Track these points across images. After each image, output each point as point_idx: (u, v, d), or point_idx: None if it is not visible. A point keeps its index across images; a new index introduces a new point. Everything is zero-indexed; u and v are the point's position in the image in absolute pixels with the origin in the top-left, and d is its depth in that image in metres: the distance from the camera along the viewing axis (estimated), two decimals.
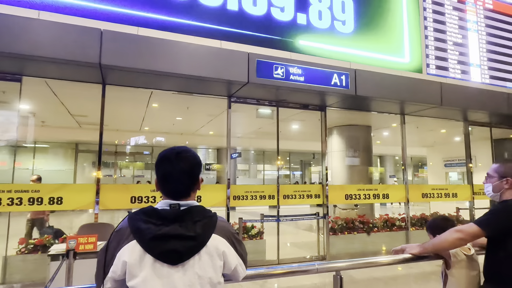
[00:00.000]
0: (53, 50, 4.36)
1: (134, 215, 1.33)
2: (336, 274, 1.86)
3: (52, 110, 7.96)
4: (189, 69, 5.07)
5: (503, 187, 1.97)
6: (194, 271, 1.27)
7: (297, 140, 13.34)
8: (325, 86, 5.89)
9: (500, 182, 1.97)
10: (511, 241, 1.80)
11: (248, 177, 22.12)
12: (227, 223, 1.46)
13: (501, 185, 1.97)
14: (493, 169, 2.05)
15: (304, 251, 7.43)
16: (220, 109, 7.30)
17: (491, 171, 2.05)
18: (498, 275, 1.86)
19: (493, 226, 1.83)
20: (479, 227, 1.83)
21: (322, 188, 6.80)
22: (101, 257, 1.34)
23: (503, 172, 1.98)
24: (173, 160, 1.39)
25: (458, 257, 1.98)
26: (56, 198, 4.97)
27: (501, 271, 1.84)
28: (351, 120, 8.88)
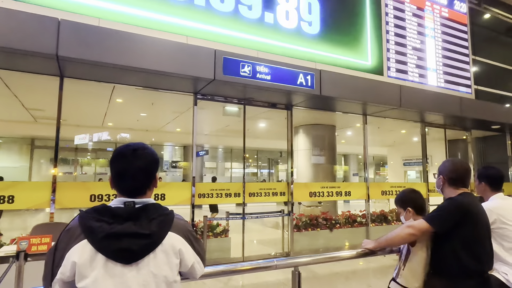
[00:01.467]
0: (5, 39, 4.08)
1: (85, 213, 1.29)
2: (295, 270, 1.90)
3: (4, 103, 7.45)
4: (153, 64, 4.94)
5: (440, 184, 2.15)
6: (148, 270, 1.25)
7: (265, 138, 13.46)
8: (291, 86, 5.97)
9: (438, 179, 2.16)
10: (455, 236, 1.93)
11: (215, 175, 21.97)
12: (184, 220, 1.45)
13: (439, 182, 2.15)
14: (438, 167, 2.22)
15: (269, 248, 7.52)
16: (186, 106, 7.19)
17: (437, 169, 2.22)
18: (444, 268, 1.98)
19: (440, 223, 1.95)
20: (428, 223, 1.94)
21: (287, 186, 6.90)
22: (49, 258, 1.29)
23: (440, 170, 2.17)
24: (129, 157, 1.36)
25: None
26: (7, 197, 4.67)
27: (446, 264, 1.96)
28: (317, 119, 9.08)
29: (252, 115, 7.99)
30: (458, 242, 1.91)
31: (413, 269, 2.05)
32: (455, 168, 2.11)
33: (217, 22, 5.80)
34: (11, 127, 11.49)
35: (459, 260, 1.89)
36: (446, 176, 2.11)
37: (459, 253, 1.89)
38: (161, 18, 5.35)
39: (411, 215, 2.16)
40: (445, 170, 2.13)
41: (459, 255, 1.89)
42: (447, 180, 2.11)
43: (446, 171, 2.12)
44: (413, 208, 2.16)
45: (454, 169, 2.11)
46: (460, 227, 1.91)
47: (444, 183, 2.11)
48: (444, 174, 2.12)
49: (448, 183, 2.10)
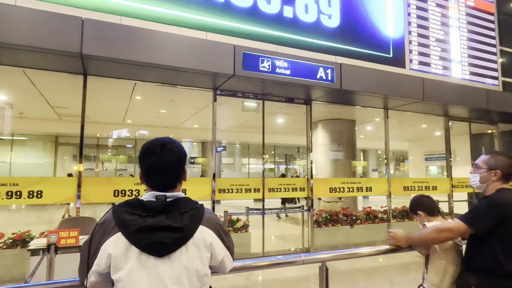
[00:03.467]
0: (31, 38, 4.19)
1: (118, 207, 1.31)
2: (322, 265, 1.88)
3: (31, 101, 7.69)
4: (173, 61, 4.98)
5: (490, 179, 1.98)
6: (181, 263, 1.26)
7: (282, 134, 13.39)
8: (311, 80, 5.91)
9: (489, 174, 1.98)
10: (494, 235, 1.83)
11: (233, 171, 22.10)
12: (214, 214, 1.45)
13: (489, 177, 1.98)
14: (482, 160, 2.04)
15: (289, 244, 7.51)
16: (205, 102, 7.23)
17: (480, 162, 2.05)
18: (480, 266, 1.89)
19: (479, 224, 1.86)
20: (467, 225, 1.86)
21: (307, 181, 6.85)
22: (85, 250, 1.31)
23: (493, 164, 1.99)
24: (158, 152, 1.36)
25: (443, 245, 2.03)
26: (36, 192, 4.83)
27: (483, 262, 1.88)
28: (336, 114, 8.96)
29: (270, 110, 7.96)
30: (496, 240, 1.82)
31: (437, 270, 2.03)
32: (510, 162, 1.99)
33: (236, 17, 5.79)
34: (37, 125, 11.88)
35: (497, 258, 1.81)
36: (504, 171, 1.96)
37: (497, 252, 1.81)
38: (181, 14, 5.38)
39: (424, 217, 2.18)
40: (502, 165, 1.97)
41: (497, 254, 1.81)
42: (504, 175, 1.96)
43: (504, 165, 1.97)
44: (423, 211, 2.19)
45: (510, 164, 1.98)
46: (500, 226, 1.82)
47: (499, 178, 1.96)
48: (501, 169, 1.96)
49: (503, 178, 1.96)
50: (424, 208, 2.20)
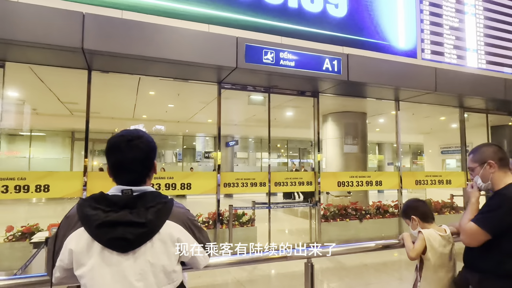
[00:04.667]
0: (34, 34, 4.24)
1: (83, 201, 1.28)
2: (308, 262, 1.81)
3: (41, 97, 7.85)
4: (175, 54, 4.95)
5: (488, 172, 1.84)
6: (145, 259, 1.22)
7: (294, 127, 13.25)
8: (317, 72, 5.77)
9: (484, 169, 1.84)
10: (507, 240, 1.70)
11: (247, 165, 22.12)
12: (184, 209, 1.40)
13: (486, 172, 1.84)
14: (470, 161, 1.92)
15: (297, 238, 7.44)
16: (212, 95, 7.18)
17: (470, 164, 1.93)
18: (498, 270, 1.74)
19: (494, 226, 1.71)
20: (482, 228, 1.72)
21: (314, 176, 6.75)
22: (51, 246, 1.29)
23: (480, 158, 1.86)
24: (123, 148, 1.30)
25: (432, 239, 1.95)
26: (43, 186, 4.93)
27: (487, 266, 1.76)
28: (346, 106, 8.77)
29: (278, 104, 7.86)
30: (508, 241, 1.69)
31: (430, 278, 1.95)
32: (498, 148, 1.85)
33: (239, 9, 5.69)
34: (53, 121, 12.14)
35: (501, 258, 1.70)
36: (496, 159, 1.82)
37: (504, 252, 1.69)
38: (182, 6, 5.33)
39: (417, 223, 2.08)
40: (490, 154, 1.84)
41: (504, 254, 1.70)
42: (498, 163, 1.81)
43: (490, 153, 1.84)
44: (417, 216, 2.08)
45: (498, 149, 1.84)
46: None
47: (496, 166, 1.81)
48: (492, 158, 1.82)
49: (499, 166, 1.81)
50: (419, 213, 2.09)
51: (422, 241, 1.95)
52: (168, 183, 5.60)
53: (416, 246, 1.96)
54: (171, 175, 5.70)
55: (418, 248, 1.94)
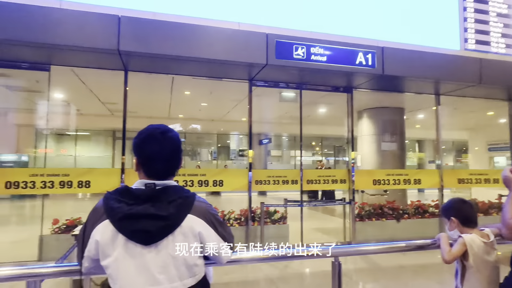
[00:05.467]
0: (75, 38, 4.49)
1: (109, 194, 1.32)
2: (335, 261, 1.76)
3: (84, 98, 8.31)
4: (207, 53, 5.02)
5: None
6: (167, 252, 1.23)
7: (328, 124, 12.99)
8: (350, 66, 5.60)
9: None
10: None
11: (281, 163, 22.06)
12: (206, 203, 1.40)
13: None
14: None
15: (330, 237, 7.29)
16: (243, 93, 7.21)
17: None
18: None
19: None
20: None
21: (348, 173, 6.57)
22: (80, 237, 1.35)
23: None
24: (160, 139, 1.34)
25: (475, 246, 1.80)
26: (85, 182, 5.22)
27: None
28: (382, 102, 8.44)
29: (310, 100, 7.73)
30: None
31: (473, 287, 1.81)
32: None
33: (269, 4, 5.65)
34: (95, 121, 12.82)
35: None
36: None
37: None
38: (212, 5, 5.39)
39: (455, 226, 1.92)
40: None
41: None
42: None
43: None
44: (457, 218, 1.91)
45: None
46: None
47: None
48: None
49: None
50: (460, 216, 1.92)
51: (462, 246, 1.80)
52: (200, 180, 5.70)
53: (453, 250, 1.81)
54: (203, 172, 5.80)
55: (455, 253, 1.80)
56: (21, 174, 5.03)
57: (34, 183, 4.99)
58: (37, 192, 5.05)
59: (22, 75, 5.99)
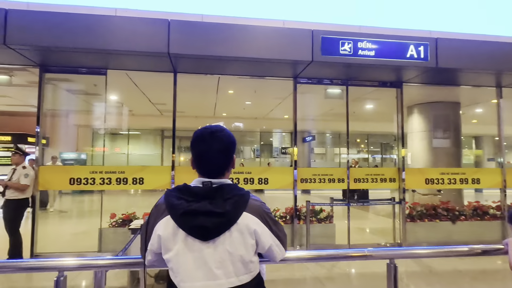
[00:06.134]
0: (129, 43, 4.76)
1: (169, 191, 1.38)
2: (390, 263, 1.69)
3: (136, 100, 8.79)
4: (252, 52, 5.07)
5: None
6: (224, 248, 1.27)
7: (375, 121, 12.54)
8: (400, 60, 5.35)
9: None
10: None
11: (324, 161, 21.67)
12: (260, 202, 1.42)
13: None
14: None
15: (378, 238, 7.04)
16: (287, 91, 7.19)
17: None
18: None
19: None
20: None
21: (397, 172, 6.29)
22: (143, 231, 1.43)
23: None
24: (207, 139, 1.39)
25: None
26: (139, 179, 5.53)
27: None
28: (434, 96, 7.96)
29: (357, 96, 7.51)
30: None
31: None
32: None
33: (314, 0, 5.57)
34: (146, 121, 13.54)
35: None
36: None
37: None
38: (258, 5, 5.43)
39: None
40: None
41: None
42: None
43: None
44: None
45: None
46: None
47: None
48: None
49: None
50: None
51: None
52: (246, 177, 5.79)
53: None
54: (249, 170, 5.88)
55: None
56: (82, 171, 5.45)
57: (94, 180, 5.39)
58: (96, 188, 5.44)
59: (82, 79, 6.48)
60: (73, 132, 15.74)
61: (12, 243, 4.95)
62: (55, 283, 1.56)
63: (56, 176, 5.39)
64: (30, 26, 4.53)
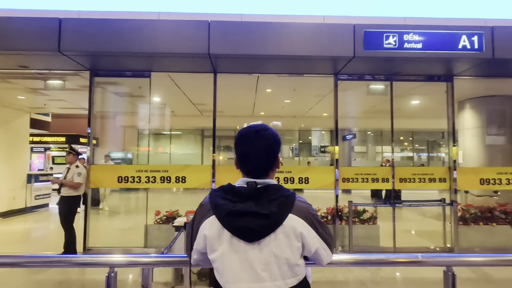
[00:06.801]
0: (171, 45, 4.90)
1: (214, 191, 1.37)
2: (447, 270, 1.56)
3: (178, 101, 9.05)
4: (292, 50, 5.00)
5: None
6: (270, 250, 1.24)
7: (421, 117, 11.90)
8: (450, 52, 5.00)
9: None
10: None
11: (366, 160, 20.98)
12: (306, 203, 1.37)
13: None
14: None
15: (426, 241, 6.65)
16: (328, 88, 7.02)
17: None
18: None
19: None
20: None
21: (448, 171, 5.90)
22: (189, 230, 1.43)
23: None
24: (251, 138, 1.37)
25: None
26: (181, 178, 5.67)
27: None
28: (489, 90, 7.36)
29: (402, 92, 7.15)
30: None
31: None
32: None
33: None
34: (187, 121, 13.93)
35: None
36: None
37: None
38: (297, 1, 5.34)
39: None
40: None
41: None
42: None
43: None
44: None
45: None
46: None
47: None
48: None
49: None
50: None
51: None
52: (286, 177, 5.73)
53: None
54: (289, 169, 5.81)
55: None
56: (129, 170, 5.71)
57: (140, 178, 5.61)
58: (142, 186, 5.66)
59: (128, 82, 6.79)
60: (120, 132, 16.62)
61: (67, 237, 5.30)
62: (106, 278, 1.63)
63: (105, 175, 5.69)
64: (81, 33, 4.81)
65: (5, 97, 8.24)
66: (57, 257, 1.78)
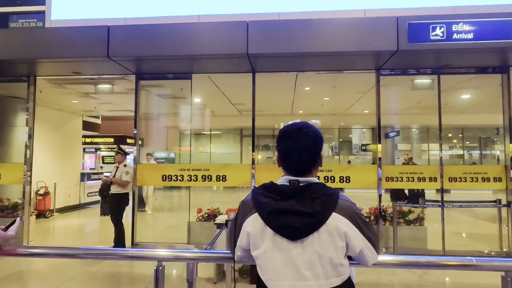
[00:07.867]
0: (211, 47, 5.01)
1: (257, 189, 1.39)
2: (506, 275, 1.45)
3: (217, 101, 9.24)
4: (331, 46, 4.90)
5: None
6: (313, 249, 1.23)
7: (472, 113, 11.15)
8: (506, 41, 4.63)
9: None
10: None
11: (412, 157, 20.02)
12: (350, 202, 1.34)
13: None
14: None
15: (479, 244, 6.22)
16: (369, 84, 6.80)
17: None
18: None
19: None
20: None
21: (504, 170, 5.47)
22: (232, 227, 1.46)
23: None
24: (294, 136, 1.36)
25: None
26: (222, 176, 5.79)
27: None
28: None
29: (450, 86, 6.75)
30: None
31: None
32: None
33: None
34: (226, 121, 14.19)
35: None
36: None
37: None
38: None
39: None
40: None
41: None
42: None
43: None
44: None
45: None
46: None
47: None
48: None
49: None
50: None
51: None
52: (327, 175, 5.63)
53: None
54: (329, 168, 5.71)
55: None
56: (172, 169, 5.93)
57: (183, 177, 5.81)
58: (184, 184, 5.86)
59: (170, 84, 7.05)
60: (163, 133, 17.31)
61: (116, 232, 5.62)
62: (155, 271, 1.71)
63: (150, 173, 5.96)
64: (128, 39, 5.07)
65: (61, 102, 8.91)
66: (110, 250, 1.90)
